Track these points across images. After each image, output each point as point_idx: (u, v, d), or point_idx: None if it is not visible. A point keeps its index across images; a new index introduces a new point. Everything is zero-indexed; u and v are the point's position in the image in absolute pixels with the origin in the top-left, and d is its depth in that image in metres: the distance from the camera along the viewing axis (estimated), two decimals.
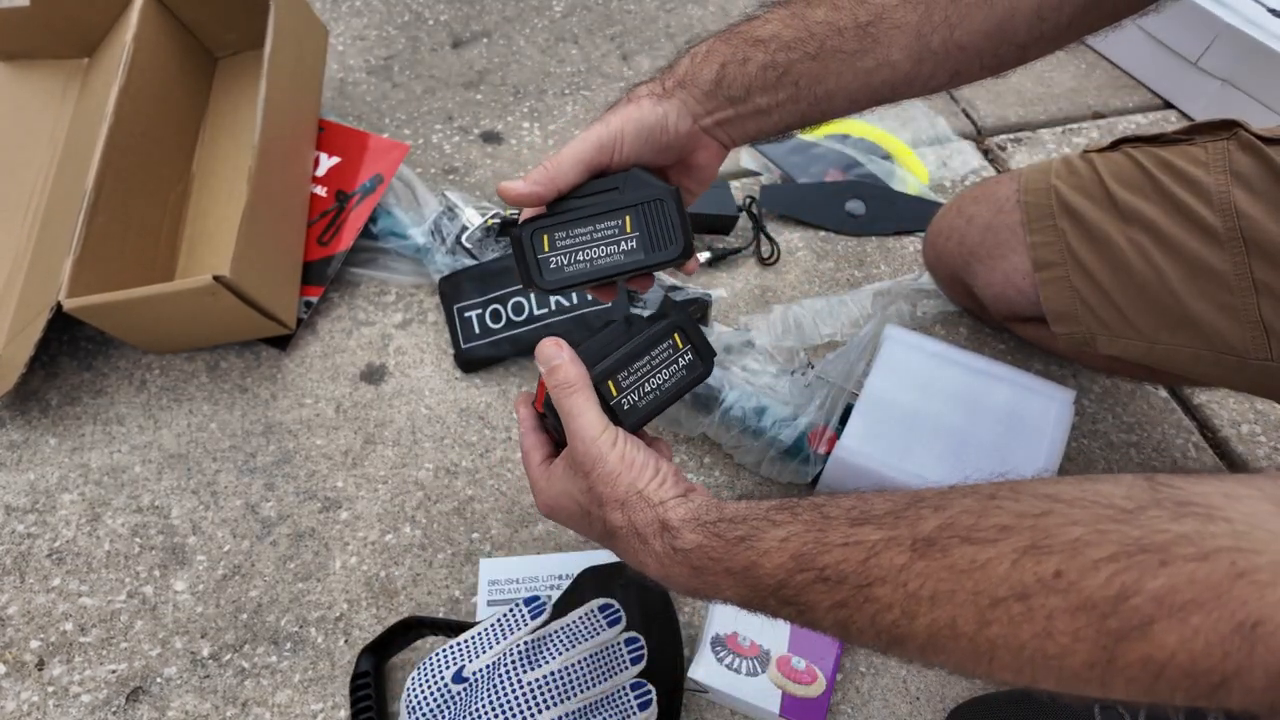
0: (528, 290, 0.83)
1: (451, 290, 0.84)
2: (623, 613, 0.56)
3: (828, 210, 0.98)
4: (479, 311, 0.83)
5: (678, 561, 0.41)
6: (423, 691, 0.53)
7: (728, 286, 0.91)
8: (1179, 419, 0.83)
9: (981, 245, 0.75)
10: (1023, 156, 1.08)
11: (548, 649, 0.53)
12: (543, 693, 0.50)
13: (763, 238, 0.95)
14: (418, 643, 0.64)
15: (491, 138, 1.05)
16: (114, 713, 0.62)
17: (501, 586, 0.68)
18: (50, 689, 0.63)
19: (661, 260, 0.48)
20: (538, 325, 0.82)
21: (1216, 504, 0.30)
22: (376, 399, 0.81)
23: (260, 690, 0.64)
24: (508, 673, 0.51)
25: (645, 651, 0.55)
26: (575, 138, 0.47)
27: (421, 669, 0.54)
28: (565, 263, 0.48)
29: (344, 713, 0.62)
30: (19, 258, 0.85)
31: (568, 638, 0.54)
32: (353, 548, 0.71)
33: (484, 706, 0.50)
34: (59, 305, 0.70)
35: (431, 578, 0.70)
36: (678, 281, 0.89)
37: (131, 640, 0.66)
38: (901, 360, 0.75)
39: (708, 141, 0.52)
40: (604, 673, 0.53)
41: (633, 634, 0.55)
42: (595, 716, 0.52)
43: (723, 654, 0.62)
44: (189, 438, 0.77)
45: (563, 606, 0.60)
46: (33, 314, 0.75)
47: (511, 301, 0.83)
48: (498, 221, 0.90)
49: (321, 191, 0.90)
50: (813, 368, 0.79)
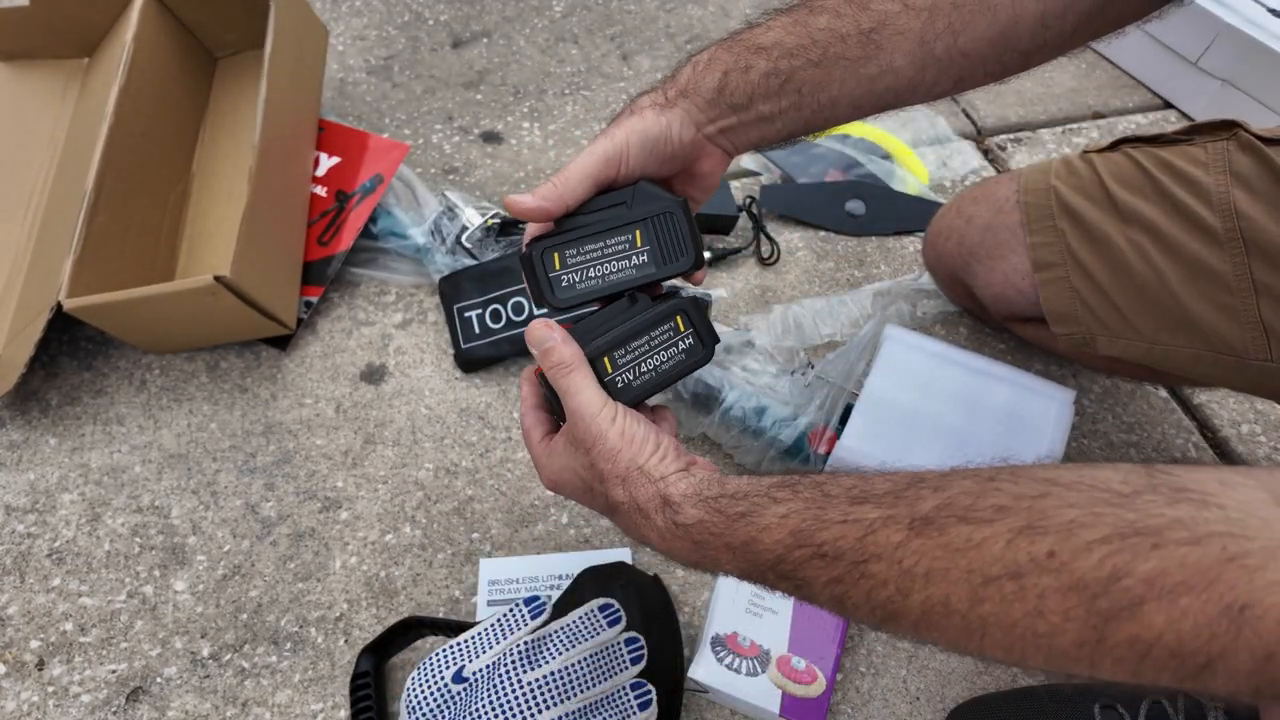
0: (540, 308, 0.83)
1: (451, 290, 0.85)
2: (623, 613, 0.56)
3: (828, 210, 0.98)
4: (479, 311, 0.83)
5: (679, 536, 0.42)
6: (423, 691, 0.53)
7: (728, 286, 0.91)
8: (1179, 419, 0.84)
9: (981, 245, 0.75)
10: (1023, 156, 1.08)
11: (548, 649, 0.53)
12: (543, 693, 0.50)
13: (763, 238, 0.95)
14: (418, 643, 0.64)
15: (491, 138, 1.05)
16: (114, 713, 0.62)
17: (501, 586, 0.68)
18: (50, 689, 0.63)
19: (673, 272, 0.48)
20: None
21: (1212, 491, 0.30)
22: (376, 399, 0.81)
23: (260, 690, 0.64)
24: (508, 673, 0.51)
25: (645, 651, 0.55)
26: (581, 152, 0.47)
27: (421, 669, 0.54)
28: (577, 280, 0.48)
29: (344, 713, 0.63)
30: (19, 258, 0.85)
31: (568, 638, 0.54)
32: (353, 548, 0.71)
33: (484, 706, 0.50)
34: (59, 305, 0.70)
35: (431, 578, 0.70)
36: (677, 282, 0.89)
37: (131, 640, 0.66)
38: (901, 360, 0.75)
39: (711, 150, 0.52)
40: (604, 673, 0.53)
41: (633, 634, 0.55)
42: (595, 716, 0.52)
43: (723, 654, 0.62)
44: (189, 438, 0.77)
45: (563, 606, 0.60)
46: (33, 314, 0.75)
47: (511, 301, 0.83)
48: (498, 222, 0.90)
49: (321, 191, 0.90)
50: (813, 368, 0.79)
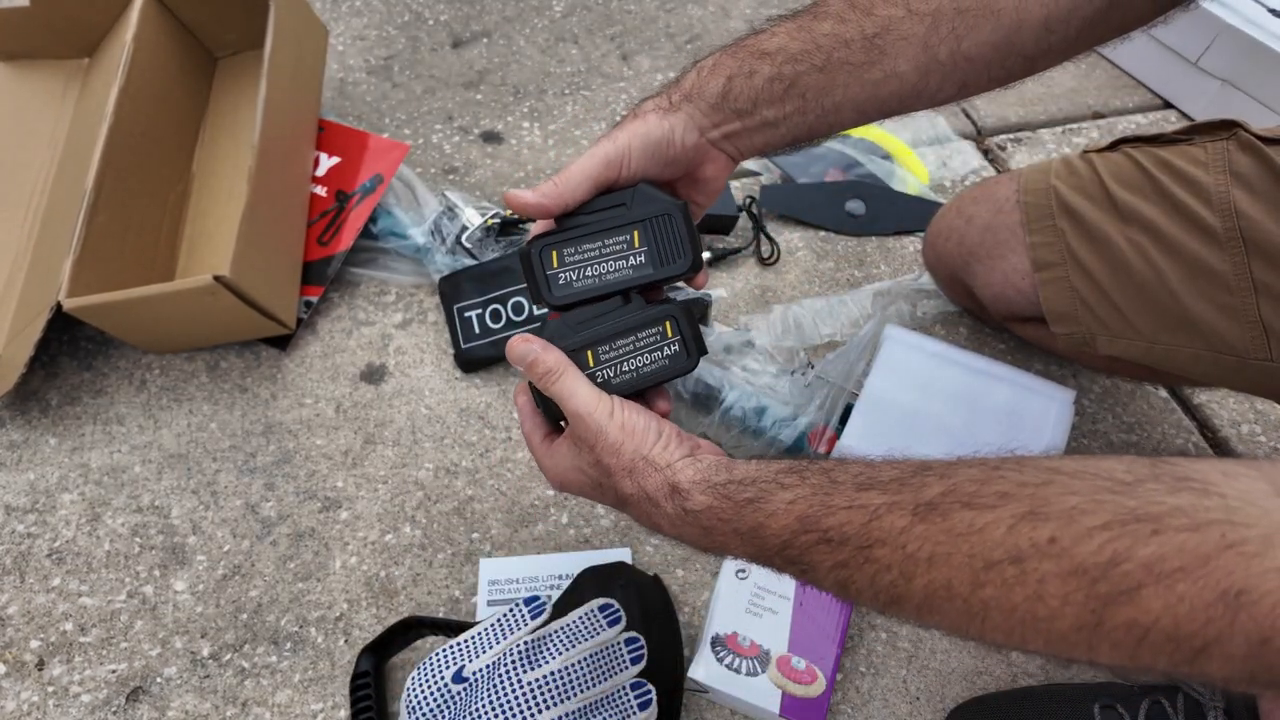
0: (538, 305, 0.83)
1: (451, 290, 0.85)
2: (623, 613, 0.56)
3: (828, 210, 0.98)
4: (479, 311, 0.83)
5: (688, 522, 0.43)
6: (423, 691, 0.53)
7: (728, 286, 0.91)
8: (1179, 419, 0.83)
9: (981, 245, 0.75)
10: (1023, 156, 1.08)
11: (548, 649, 0.53)
12: (543, 693, 0.50)
13: (763, 238, 0.95)
14: (418, 643, 0.64)
15: (491, 138, 1.05)
16: (114, 713, 0.62)
17: (501, 586, 0.68)
18: (50, 689, 0.63)
19: (670, 274, 0.48)
20: (537, 325, 0.82)
21: (1213, 481, 0.31)
22: (376, 399, 0.81)
23: (260, 690, 0.64)
24: (508, 673, 0.51)
25: (645, 651, 0.55)
26: (583, 153, 0.47)
27: (421, 669, 0.54)
28: (574, 278, 0.48)
29: (344, 713, 0.63)
30: (19, 258, 0.85)
31: (568, 638, 0.54)
32: (353, 548, 0.71)
33: (484, 706, 0.50)
34: (59, 305, 0.70)
35: (431, 578, 0.70)
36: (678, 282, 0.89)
37: (131, 640, 0.66)
38: (901, 360, 0.75)
39: (715, 154, 0.52)
40: (604, 673, 0.53)
41: (633, 634, 0.55)
42: (595, 716, 0.52)
43: (723, 654, 0.62)
44: (189, 438, 0.77)
45: (563, 606, 0.60)
46: (33, 314, 0.75)
47: (511, 301, 0.83)
48: (498, 222, 0.90)
49: (321, 191, 0.90)
50: (813, 368, 0.79)
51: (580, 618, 0.55)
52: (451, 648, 0.55)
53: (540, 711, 0.50)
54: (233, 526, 0.72)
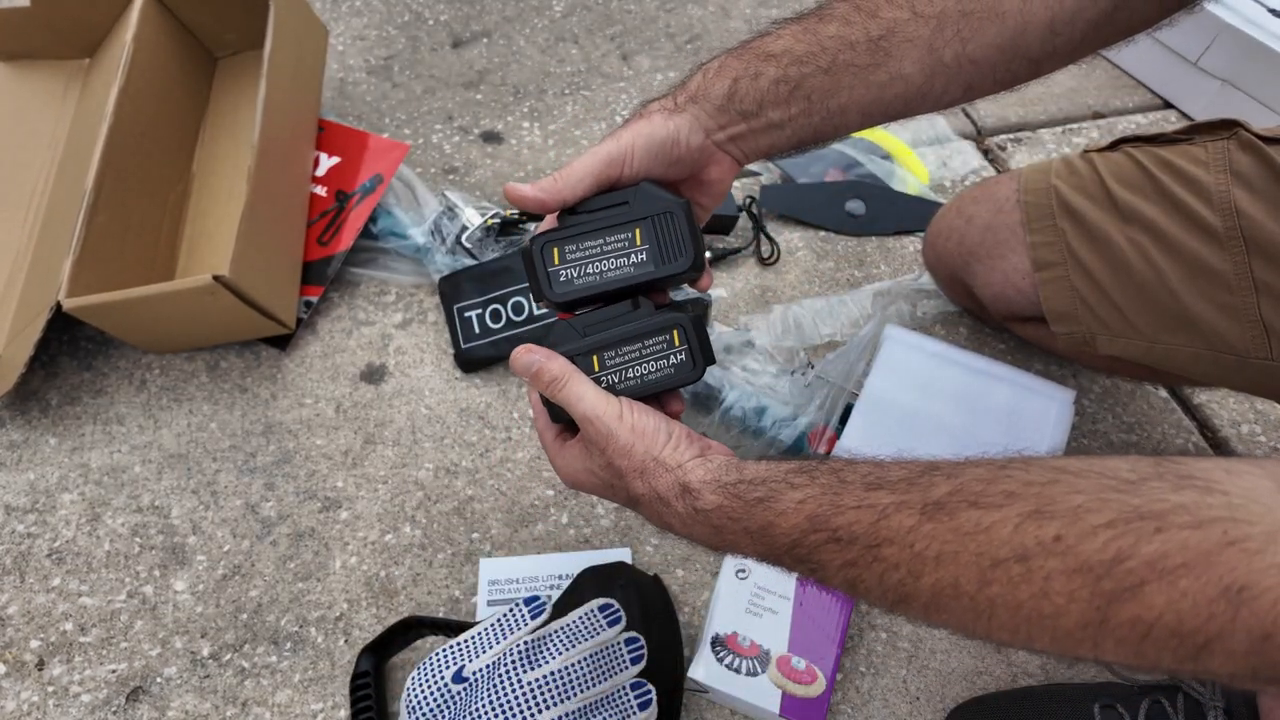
0: (539, 302, 0.83)
1: (451, 290, 0.84)
2: (623, 613, 0.56)
3: (828, 210, 0.98)
4: (479, 311, 0.83)
5: (699, 522, 0.43)
6: (423, 691, 0.53)
7: (728, 286, 0.91)
8: (1179, 419, 0.83)
9: (981, 245, 0.75)
10: (1023, 156, 1.08)
11: (548, 649, 0.53)
12: (543, 693, 0.50)
13: (763, 238, 0.95)
14: (418, 643, 0.64)
15: (491, 138, 1.05)
16: (114, 713, 0.62)
17: (501, 586, 0.68)
18: (50, 689, 0.63)
19: (671, 273, 0.48)
20: (537, 325, 0.82)
21: (1217, 478, 0.31)
22: (376, 399, 0.81)
23: (260, 690, 0.64)
24: (508, 673, 0.51)
25: (645, 651, 0.55)
26: (586, 151, 0.47)
27: (421, 669, 0.54)
28: (575, 275, 0.48)
29: (344, 713, 0.63)
30: (19, 258, 0.85)
31: (568, 638, 0.54)
32: (353, 548, 0.71)
33: (484, 706, 0.50)
34: (59, 305, 0.70)
35: (431, 578, 0.70)
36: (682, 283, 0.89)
37: (131, 640, 0.66)
38: (901, 360, 0.75)
39: (720, 156, 0.52)
40: (604, 673, 0.53)
41: (633, 634, 0.55)
42: (595, 716, 0.52)
43: (723, 654, 0.62)
44: (189, 438, 0.77)
45: (563, 606, 0.60)
46: (33, 314, 0.75)
47: (511, 301, 0.83)
48: (498, 221, 0.90)
49: (321, 191, 0.90)
50: (813, 368, 0.79)
51: (580, 618, 0.55)
52: (451, 648, 0.55)
53: (540, 711, 0.50)
54: (233, 526, 0.72)
